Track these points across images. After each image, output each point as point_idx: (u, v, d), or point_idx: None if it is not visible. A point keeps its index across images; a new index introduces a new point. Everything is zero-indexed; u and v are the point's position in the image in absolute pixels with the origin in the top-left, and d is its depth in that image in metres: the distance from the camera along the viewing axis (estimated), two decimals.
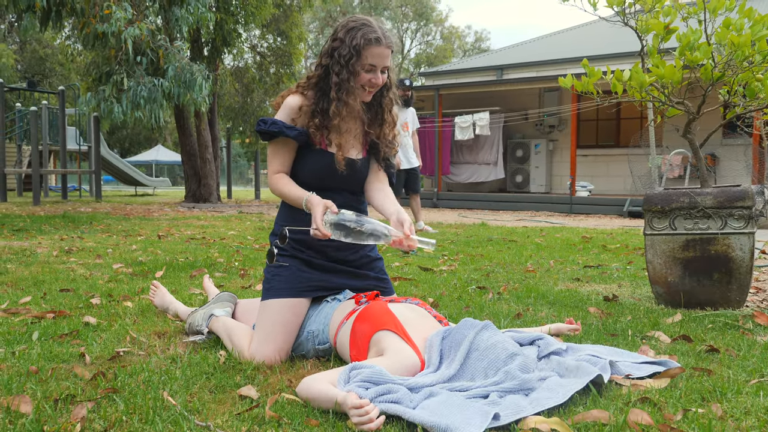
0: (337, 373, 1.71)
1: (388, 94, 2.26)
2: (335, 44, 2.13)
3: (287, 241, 2.19)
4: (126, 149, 39.01)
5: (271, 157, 2.22)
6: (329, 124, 2.17)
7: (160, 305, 2.78)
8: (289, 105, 2.20)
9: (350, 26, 2.12)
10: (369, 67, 2.11)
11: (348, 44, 2.09)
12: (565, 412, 1.59)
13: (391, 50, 2.14)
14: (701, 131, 3.30)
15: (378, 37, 2.09)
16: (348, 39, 2.10)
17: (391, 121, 2.29)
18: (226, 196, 17.98)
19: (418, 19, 39.36)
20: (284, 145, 2.20)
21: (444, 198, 13.45)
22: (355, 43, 2.08)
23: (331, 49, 2.14)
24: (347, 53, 2.09)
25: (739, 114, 3.06)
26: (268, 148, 2.23)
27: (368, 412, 1.50)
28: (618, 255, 4.99)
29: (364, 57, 2.09)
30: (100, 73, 9.87)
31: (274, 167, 2.21)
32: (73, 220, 8.14)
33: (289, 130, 2.15)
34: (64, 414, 1.60)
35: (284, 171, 2.22)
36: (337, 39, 2.13)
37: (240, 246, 5.56)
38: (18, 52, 30.20)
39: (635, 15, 3.28)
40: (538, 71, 14.25)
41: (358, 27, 2.10)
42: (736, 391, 1.73)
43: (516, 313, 2.78)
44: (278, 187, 2.19)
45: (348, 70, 2.10)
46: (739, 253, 2.79)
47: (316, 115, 2.17)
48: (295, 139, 2.17)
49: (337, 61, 2.11)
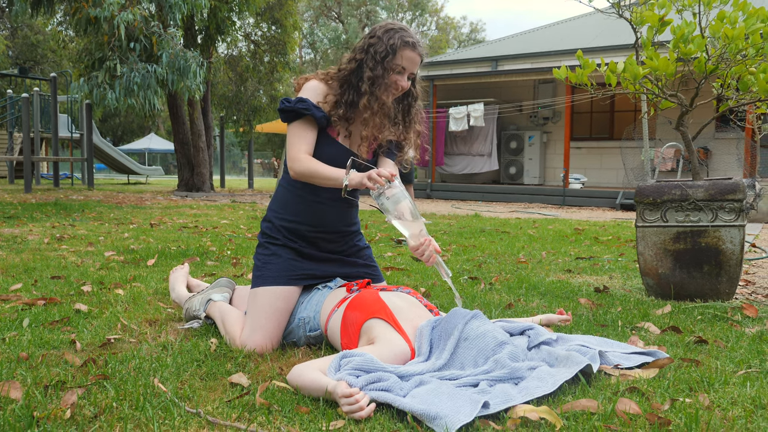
0: (327, 361, 1.71)
1: (416, 104, 2.30)
2: (372, 41, 2.17)
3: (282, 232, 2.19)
4: (119, 137, 38.79)
5: (297, 138, 2.17)
6: (353, 117, 2.19)
7: (172, 280, 2.78)
8: (315, 88, 2.19)
9: (389, 27, 2.18)
10: (400, 69, 2.16)
11: (385, 42, 2.14)
12: (554, 400, 1.60)
13: (422, 59, 2.20)
14: (694, 124, 3.31)
15: (414, 42, 2.16)
16: (386, 38, 2.15)
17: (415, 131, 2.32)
18: (219, 185, 17.94)
19: (413, 9, 39.18)
20: (309, 126, 2.18)
21: (437, 189, 13.45)
22: (392, 42, 2.14)
23: (367, 45, 2.18)
24: (383, 50, 2.14)
25: (731, 107, 3.07)
26: (291, 129, 2.19)
27: (358, 401, 1.51)
28: (610, 247, 5.01)
29: (399, 57, 2.14)
30: (93, 60, 9.78)
31: (303, 147, 2.16)
32: (65, 208, 8.09)
33: (317, 110, 2.16)
34: (54, 400, 1.60)
35: (310, 152, 2.18)
36: (375, 36, 2.17)
37: (232, 235, 5.56)
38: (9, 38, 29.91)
39: (630, 7, 3.28)
40: (533, 63, 14.24)
41: (396, 29, 2.17)
42: (724, 382, 1.75)
43: (507, 303, 2.79)
44: (311, 166, 2.12)
45: (383, 66, 2.15)
46: (730, 246, 2.81)
47: (340, 106, 2.17)
48: (318, 122, 2.16)
49: (372, 56, 2.15)
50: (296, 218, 2.22)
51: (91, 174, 15.29)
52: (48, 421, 1.46)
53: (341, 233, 2.29)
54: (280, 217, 2.24)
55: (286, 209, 2.24)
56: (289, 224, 2.22)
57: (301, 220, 2.22)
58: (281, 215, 2.24)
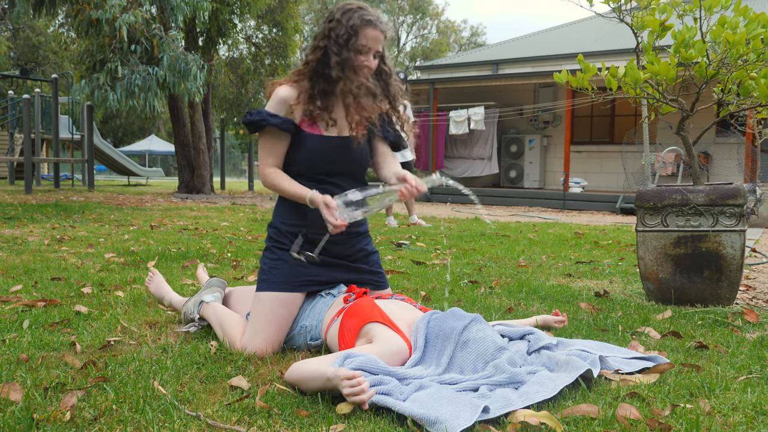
0: (329, 359, 1.71)
1: (391, 80, 2.28)
2: (332, 24, 2.14)
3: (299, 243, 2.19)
4: (119, 139, 38.79)
5: (264, 151, 2.20)
6: (331, 105, 2.17)
7: (155, 292, 2.74)
8: (279, 96, 2.18)
9: (347, 8, 2.14)
10: (366, 49, 2.13)
11: (345, 24, 2.11)
12: (554, 405, 1.60)
13: (384, 36, 2.17)
14: (695, 129, 3.31)
15: (374, 20, 2.12)
16: (345, 19, 2.12)
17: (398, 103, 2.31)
18: (220, 187, 17.93)
19: (414, 13, 39.22)
20: (273, 137, 2.18)
21: (437, 192, 13.45)
22: (352, 23, 2.11)
23: (328, 29, 2.15)
24: (345, 33, 2.11)
25: (732, 112, 3.07)
26: (259, 141, 2.21)
27: (360, 383, 1.52)
28: (610, 251, 5.01)
29: (362, 37, 2.11)
30: (94, 61, 9.79)
31: (268, 161, 2.19)
32: (65, 209, 8.09)
33: (273, 118, 2.14)
34: (54, 402, 1.60)
35: (278, 165, 2.20)
36: (334, 20, 2.14)
37: (233, 237, 5.55)
38: (11, 39, 29.94)
39: (631, 12, 3.28)
40: (533, 67, 14.25)
41: (354, 9, 2.13)
42: (724, 388, 1.75)
43: (507, 307, 2.79)
44: (275, 182, 2.17)
45: (347, 49, 2.12)
46: (730, 251, 2.80)
47: (315, 99, 2.16)
48: (279, 128, 2.15)
49: (335, 41, 2.12)
50: (302, 222, 2.20)
51: (92, 175, 15.29)
52: (48, 424, 1.46)
53: (348, 235, 2.24)
54: (286, 223, 2.22)
55: (291, 214, 2.22)
56: (296, 229, 2.20)
57: (306, 224, 2.20)
58: (287, 221, 2.22)
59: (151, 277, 2.79)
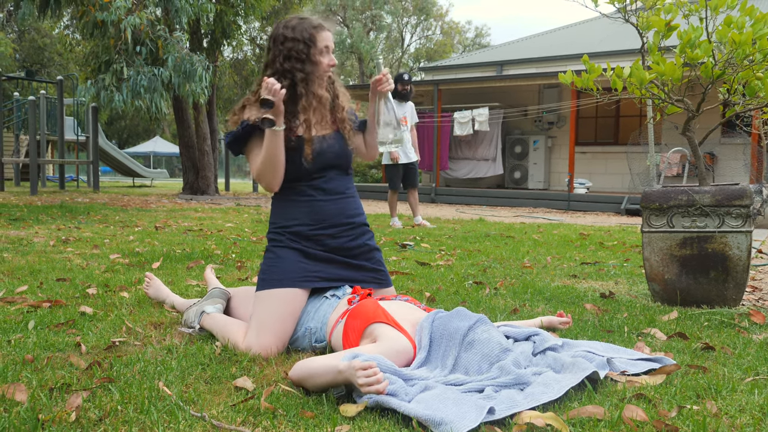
0: (338, 358, 1.71)
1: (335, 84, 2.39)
2: (289, 44, 2.20)
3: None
4: (124, 140, 38.91)
5: (250, 162, 2.26)
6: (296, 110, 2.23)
7: (154, 296, 2.78)
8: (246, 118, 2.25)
9: (292, 24, 2.23)
10: (325, 50, 2.23)
11: (300, 38, 2.19)
12: (560, 407, 1.59)
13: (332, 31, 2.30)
14: (700, 129, 3.29)
15: (320, 23, 2.24)
16: (298, 33, 2.19)
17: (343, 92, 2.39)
18: (224, 189, 17.95)
19: (418, 14, 39.22)
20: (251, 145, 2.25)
21: (442, 193, 13.44)
22: (306, 35, 2.19)
23: (287, 50, 2.20)
24: (303, 46, 2.19)
25: (738, 113, 3.06)
26: (246, 154, 2.28)
27: (377, 373, 1.52)
28: (615, 252, 5.00)
29: (320, 41, 2.21)
30: (100, 63, 9.83)
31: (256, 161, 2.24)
32: (71, 210, 8.12)
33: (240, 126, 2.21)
34: (59, 403, 1.60)
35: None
36: (288, 39, 2.20)
37: (237, 238, 5.56)
38: (16, 41, 30.07)
39: (636, 12, 3.27)
40: (538, 67, 14.24)
41: (298, 22, 2.23)
42: (731, 389, 1.74)
43: (512, 308, 2.78)
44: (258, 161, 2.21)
45: (311, 61, 2.20)
46: (736, 252, 2.79)
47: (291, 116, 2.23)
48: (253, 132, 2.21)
49: (297, 57, 2.19)
50: (296, 221, 2.23)
51: (97, 177, 15.33)
52: (53, 424, 1.46)
53: (345, 226, 2.27)
54: (282, 225, 2.26)
55: (284, 217, 2.26)
56: (291, 228, 2.23)
57: (301, 222, 2.23)
58: (282, 223, 2.26)
59: (148, 282, 2.82)
